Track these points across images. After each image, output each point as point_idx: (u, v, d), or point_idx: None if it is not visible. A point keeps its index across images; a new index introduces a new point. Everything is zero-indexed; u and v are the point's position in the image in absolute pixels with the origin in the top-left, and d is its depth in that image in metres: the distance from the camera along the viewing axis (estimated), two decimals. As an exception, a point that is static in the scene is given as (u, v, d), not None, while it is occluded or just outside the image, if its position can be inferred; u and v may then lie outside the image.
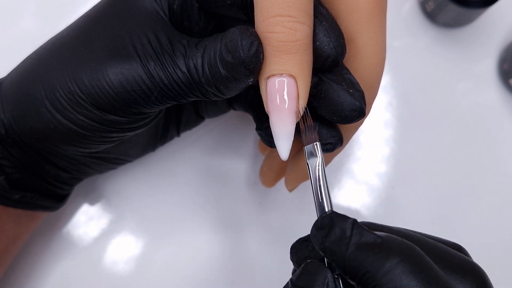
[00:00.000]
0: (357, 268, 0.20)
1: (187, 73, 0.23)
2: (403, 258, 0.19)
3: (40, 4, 0.40)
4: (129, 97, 0.23)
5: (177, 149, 0.38)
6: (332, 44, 0.22)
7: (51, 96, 0.24)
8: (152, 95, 0.23)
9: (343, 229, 0.20)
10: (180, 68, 0.23)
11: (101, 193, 0.37)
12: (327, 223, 0.21)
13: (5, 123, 0.26)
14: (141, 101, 0.24)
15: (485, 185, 0.39)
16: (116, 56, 0.23)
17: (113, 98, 0.23)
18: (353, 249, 0.20)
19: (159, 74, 0.23)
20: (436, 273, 0.20)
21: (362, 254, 0.20)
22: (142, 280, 0.36)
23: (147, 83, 0.23)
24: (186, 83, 0.23)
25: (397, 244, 0.20)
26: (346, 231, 0.20)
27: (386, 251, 0.20)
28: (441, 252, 0.22)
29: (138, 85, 0.23)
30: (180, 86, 0.23)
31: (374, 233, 0.20)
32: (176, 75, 0.23)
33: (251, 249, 0.37)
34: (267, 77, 0.22)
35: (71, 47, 0.25)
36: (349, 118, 0.23)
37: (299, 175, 0.29)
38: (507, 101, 0.40)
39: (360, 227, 0.21)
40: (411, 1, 0.42)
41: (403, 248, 0.20)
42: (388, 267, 0.19)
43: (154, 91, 0.23)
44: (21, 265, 0.35)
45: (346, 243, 0.20)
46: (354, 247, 0.20)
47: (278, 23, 0.21)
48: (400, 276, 0.19)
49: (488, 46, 0.41)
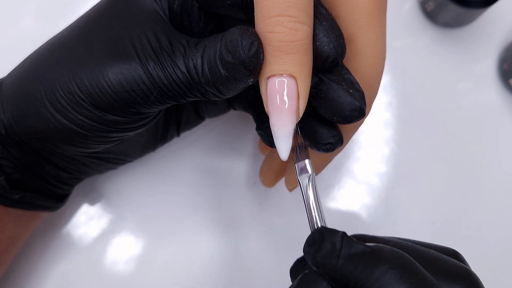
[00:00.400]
0: (348, 278, 0.20)
1: (187, 73, 0.22)
2: (392, 265, 0.20)
3: (40, 4, 0.40)
4: (128, 97, 0.23)
5: (177, 149, 0.38)
6: (332, 44, 0.22)
7: (51, 96, 0.24)
8: (151, 95, 0.23)
9: (333, 242, 0.21)
10: (179, 68, 0.23)
11: (101, 193, 0.37)
12: (317, 239, 0.21)
13: (5, 123, 0.26)
14: (140, 101, 0.23)
15: (485, 185, 0.39)
16: (116, 56, 0.23)
17: (113, 98, 0.23)
18: (343, 260, 0.20)
19: (158, 74, 0.23)
20: (425, 277, 0.20)
21: (352, 264, 0.20)
22: (142, 280, 0.36)
23: (146, 83, 0.23)
24: (185, 83, 0.23)
25: (386, 252, 0.20)
26: (336, 244, 0.21)
27: (375, 260, 0.20)
28: (432, 258, 0.22)
29: (137, 85, 0.23)
30: (180, 86, 0.23)
31: (363, 243, 0.21)
32: (175, 75, 0.23)
33: (251, 249, 0.37)
34: (267, 77, 0.21)
35: (70, 47, 0.25)
36: (349, 118, 0.23)
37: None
38: (507, 101, 0.40)
39: (349, 239, 0.21)
40: (411, 1, 0.42)
41: (392, 255, 0.20)
42: (377, 274, 0.20)
43: (153, 91, 0.23)
44: (21, 265, 0.35)
45: (336, 256, 0.20)
46: (344, 259, 0.20)
47: (278, 23, 0.21)
48: (390, 281, 0.20)
49: (488, 46, 0.41)
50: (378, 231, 0.38)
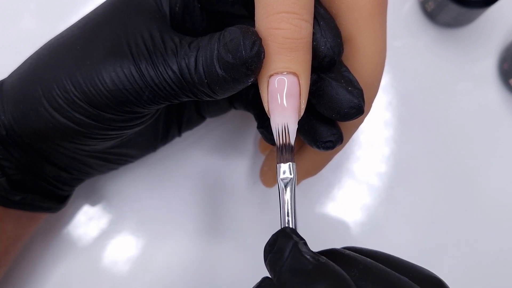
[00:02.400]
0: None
1: (178, 73, 0.22)
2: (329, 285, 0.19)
3: (40, 4, 0.40)
4: (121, 95, 0.23)
5: (177, 150, 0.38)
6: (329, 44, 0.22)
7: (48, 95, 0.24)
8: (143, 94, 0.23)
9: (282, 249, 0.20)
10: (171, 68, 0.22)
11: (101, 193, 0.37)
12: (273, 241, 0.21)
13: (5, 124, 0.26)
14: (133, 100, 0.23)
15: (485, 185, 0.39)
16: (111, 55, 0.23)
17: (106, 96, 0.23)
18: (285, 272, 0.20)
19: (150, 73, 0.23)
20: None
21: (291, 279, 0.20)
22: (142, 280, 0.36)
23: (138, 82, 0.23)
24: (177, 83, 0.23)
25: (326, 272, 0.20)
26: (285, 253, 0.20)
27: (312, 279, 0.19)
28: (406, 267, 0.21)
29: (130, 84, 0.23)
30: (171, 86, 0.23)
31: (308, 259, 0.20)
32: (166, 75, 0.22)
33: (251, 249, 0.37)
34: (269, 75, 0.21)
35: (69, 47, 0.25)
36: (348, 116, 0.23)
37: (299, 173, 0.29)
38: (507, 101, 0.40)
39: (297, 251, 0.20)
40: (411, 1, 0.42)
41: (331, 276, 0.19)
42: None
43: (145, 90, 0.23)
44: (21, 266, 0.35)
45: (281, 264, 0.20)
46: (286, 270, 0.20)
47: (284, 19, 0.20)
48: None
49: (488, 46, 0.41)
50: (378, 231, 0.38)
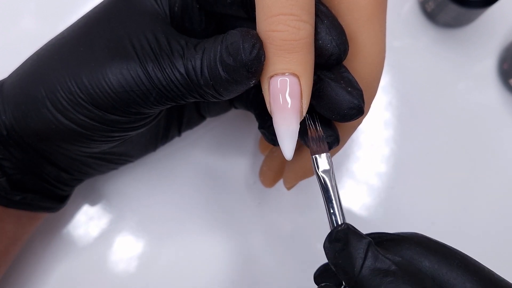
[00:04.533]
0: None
1: (185, 75, 0.22)
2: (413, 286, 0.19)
3: (40, 4, 0.40)
4: (128, 97, 0.23)
5: (177, 149, 0.38)
6: (334, 42, 0.22)
7: (52, 96, 0.24)
8: (151, 96, 0.23)
9: (358, 249, 0.20)
10: (178, 70, 0.22)
11: (102, 193, 0.37)
12: (341, 238, 0.21)
13: (6, 124, 0.26)
14: (140, 101, 0.23)
15: (485, 185, 0.39)
16: (116, 56, 0.23)
17: (112, 98, 0.23)
18: (366, 273, 0.19)
19: (157, 75, 0.23)
20: None
21: (374, 279, 0.19)
22: (143, 280, 0.36)
23: (145, 83, 0.23)
24: (184, 85, 0.23)
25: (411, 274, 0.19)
26: (361, 252, 0.20)
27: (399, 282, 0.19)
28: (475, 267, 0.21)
29: (136, 86, 0.23)
30: (178, 88, 0.23)
31: (389, 258, 0.20)
32: (174, 76, 0.23)
33: (250, 249, 0.37)
34: (270, 77, 0.21)
35: (71, 48, 0.25)
36: (347, 117, 0.23)
37: (297, 173, 0.29)
38: (507, 101, 0.40)
39: (375, 250, 0.20)
40: (411, 1, 0.42)
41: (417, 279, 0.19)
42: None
43: (152, 92, 0.23)
44: (21, 265, 0.35)
45: (359, 265, 0.20)
46: (367, 271, 0.19)
47: (281, 21, 0.20)
48: None
49: (488, 46, 0.41)
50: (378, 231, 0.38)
